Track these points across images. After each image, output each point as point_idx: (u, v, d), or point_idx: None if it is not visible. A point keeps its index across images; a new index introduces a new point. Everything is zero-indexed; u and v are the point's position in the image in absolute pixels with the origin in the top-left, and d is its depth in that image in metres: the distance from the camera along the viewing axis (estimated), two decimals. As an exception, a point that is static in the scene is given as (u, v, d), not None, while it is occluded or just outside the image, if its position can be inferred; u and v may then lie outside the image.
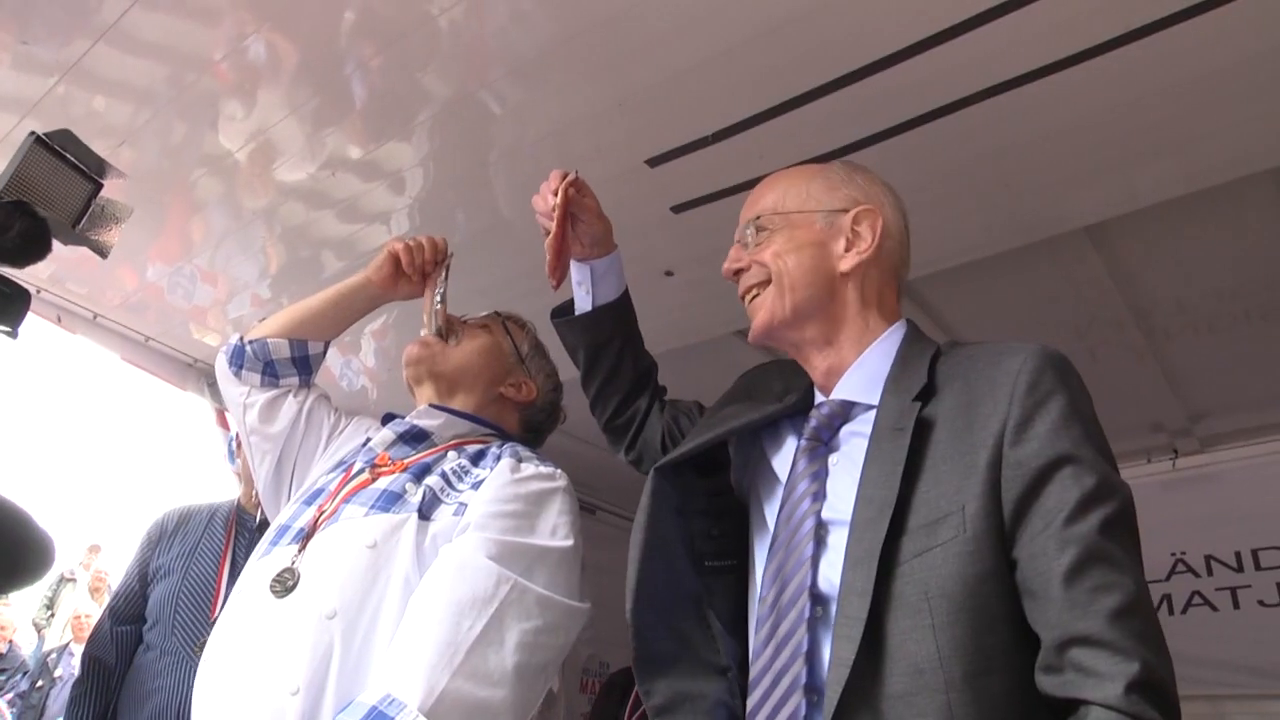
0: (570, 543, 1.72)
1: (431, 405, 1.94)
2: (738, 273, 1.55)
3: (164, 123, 2.56)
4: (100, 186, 2.19)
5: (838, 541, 1.28)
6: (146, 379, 3.82)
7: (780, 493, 1.42)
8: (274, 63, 2.34)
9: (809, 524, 1.32)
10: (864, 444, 1.32)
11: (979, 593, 1.16)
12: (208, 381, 3.92)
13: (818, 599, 1.27)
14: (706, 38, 2.19)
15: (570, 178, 1.73)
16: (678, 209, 2.74)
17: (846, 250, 1.47)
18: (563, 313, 1.87)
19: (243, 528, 2.91)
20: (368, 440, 1.93)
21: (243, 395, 2.01)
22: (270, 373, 2.00)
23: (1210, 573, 4.24)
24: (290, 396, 2.03)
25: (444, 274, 2.04)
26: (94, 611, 7.64)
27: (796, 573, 1.30)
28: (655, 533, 1.43)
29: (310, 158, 2.67)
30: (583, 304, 1.82)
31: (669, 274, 3.04)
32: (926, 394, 1.32)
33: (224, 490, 3.52)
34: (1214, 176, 2.48)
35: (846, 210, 1.48)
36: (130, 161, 2.65)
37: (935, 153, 2.42)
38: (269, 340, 1.99)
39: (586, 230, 1.77)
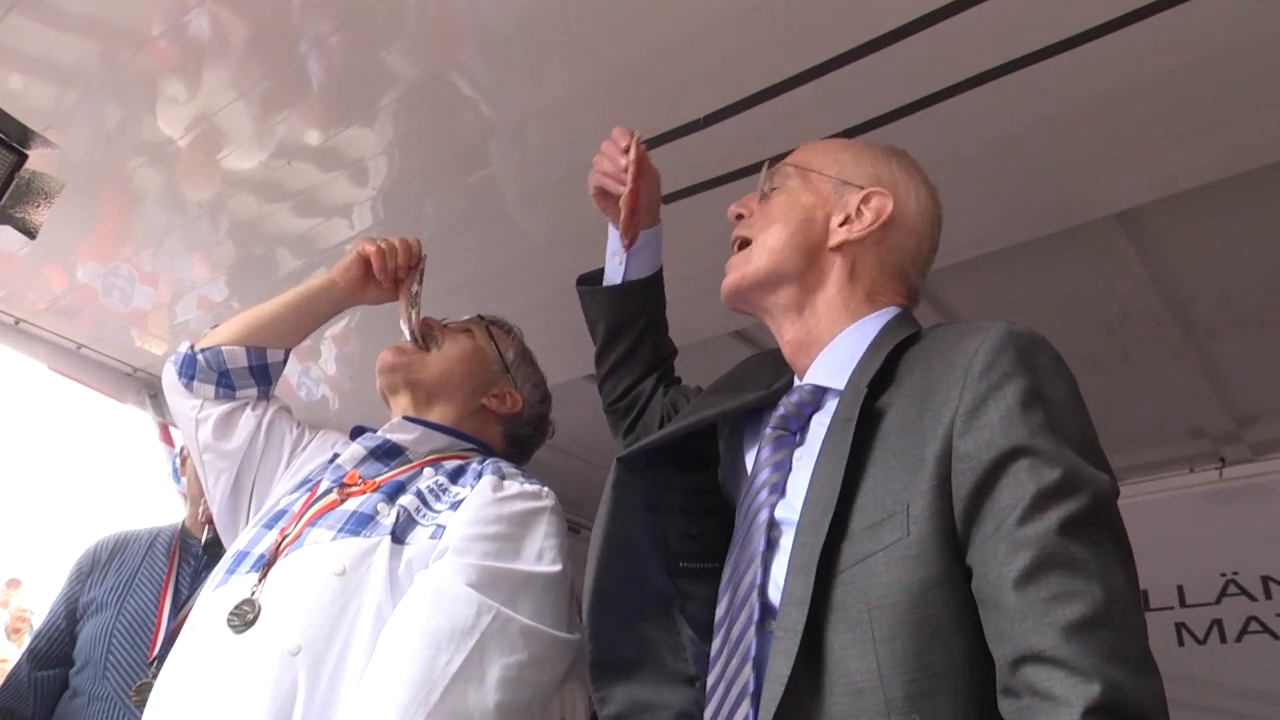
0: (558, 568, 1.74)
1: (406, 418, 1.96)
2: (739, 217, 1.62)
3: (95, 106, 2.57)
4: (24, 157, 2.17)
5: (787, 544, 1.30)
6: (78, 390, 3.83)
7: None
8: (220, 39, 2.36)
9: (763, 518, 1.34)
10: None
11: (924, 602, 1.14)
12: (149, 393, 3.93)
13: (766, 604, 1.29)
14: (698, 11, 2.22)
15: (638, 137, 1.78)
16: (668, 199, 2.74)
17: (842, 224, 1.51)
18: (590, 281, 1.92)
19: (187, 553, 2.90)
20: (335, 456, 1.95)
21: (194, 409, 2.03)
22: (225, 384, 2.02)
23: (1269, 595, 4.20)
24: (248, 410, 2.05)
25: (418, 279, 2.08)
26: (13, 656, 7.55)
27: (747, 573, 1.32)
28: (617, 529, 1.45)
29: (262, 145, 2.69)
30: (613, 275, 1.87)
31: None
32: (881, 381, 1.33)
33: (167, 513, 3.53)
34: (1259, 156, 2.50)
35: (862, 187, 1.52)
36: (57, 149, 2.66)
37: (948, 134, 2.44)
38: (223, 348, 2.02)
39: (636, 199, 1.79)
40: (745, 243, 1.58)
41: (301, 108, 2.56)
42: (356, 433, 2.00)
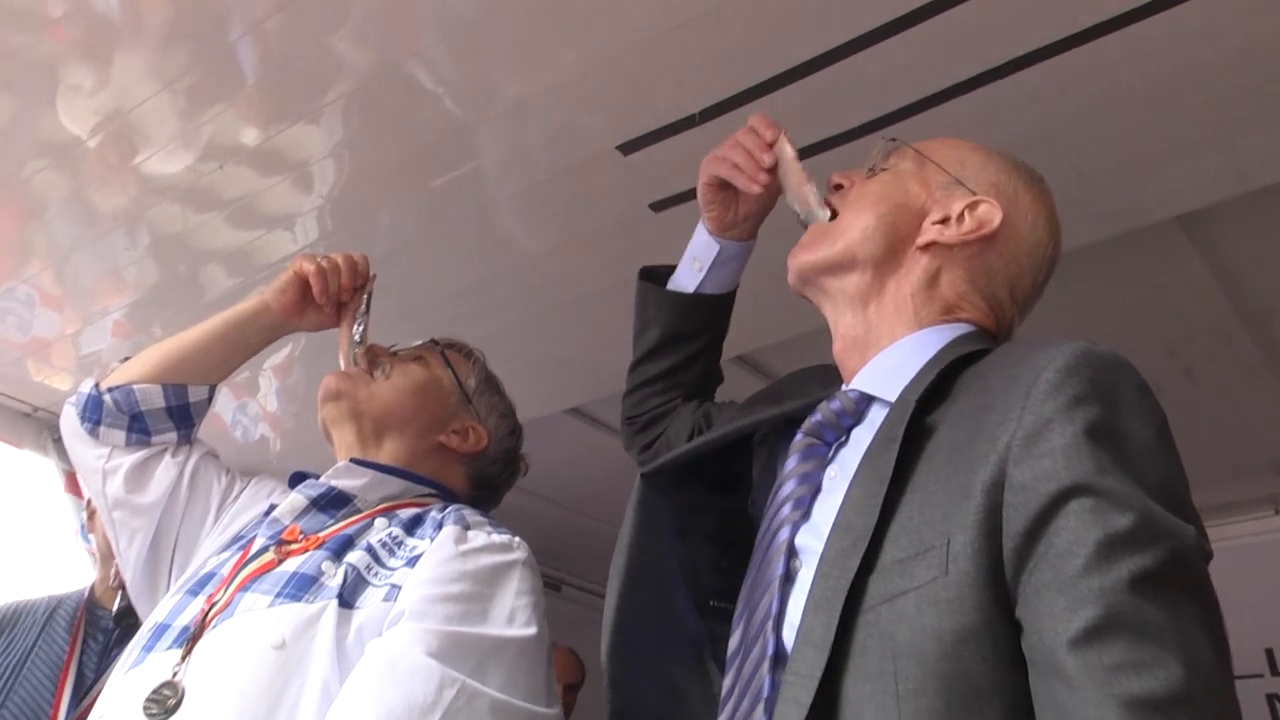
0: (533, 631, 1.70)
1: (353, 460, 1.94)
2: (838, 187, 1.61)
3: (-16, 99, 2.55)
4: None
5: (806, 577, 1.27)
6: (-35, 433, 3.79)
7: None
8: (134, 22, 2.33)
9: (782, 538, 1.33)
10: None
11: (957, 655, 1.09)
12: (52, 436, 3.88)
13: (780, 641, 1.26)
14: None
15: (786, 132, 1.74)
16: (658, 206, 2.76)
17: (937, 223, 1.51)
18: (656, 276, 1.91)
19: (94, 627, 2.83)
20: (271, 508, 1.91)
21: (101, 459, 1.98)
22: (139, 429, 1.98)
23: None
24: (166, 457, 2.01)
25: (365, 302, 2.05)
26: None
27: (761, 601, 1.30)
28: (642, 555, 1.44)
29: (188, 146, 2.66)
30: (685, 281, 1.86)
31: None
32: (933, 398, 1.31)
33: (73, 577, 3.48)
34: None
35: (975, 193, 1.52)
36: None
37: (980, 126, 2.41)
38: (135, 387, 1.97)
39: (755, 203, 1.79)
40: (833, 215, 1.58)
41: (235, 103, 2.53)
42: (296, 480, 1.96)
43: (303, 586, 1.70)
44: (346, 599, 1.68)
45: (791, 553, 1.31)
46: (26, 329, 3.39)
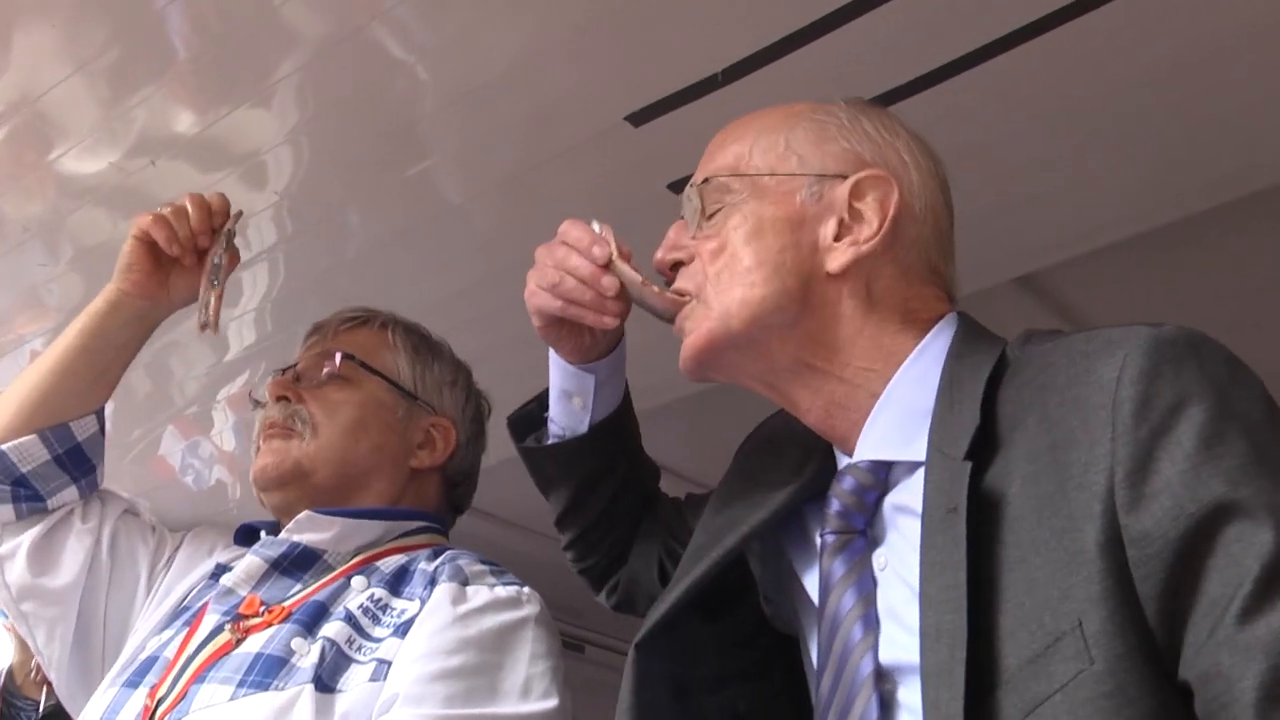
0: (553, 704, 1.70)
1: (315, 512, 1.91)
2: (675, 266, 1.55)
3: None
4: None
5: (913, 699, 1.23)
6: None
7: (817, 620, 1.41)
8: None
9: (865, 670, 1.30)
10: (918, 528, 1.29)
11: None
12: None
13: None
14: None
15: (607, 229, 1.69)
16: (678, 186, 2.73)
17: (838, 238, 1.46)
18: (528, 427, 1.85)
19: (14, 719, 2.85)
20: (219, 570, 1.89)
21: None
22: (28, 495, 1.95)
23: None
24: (75, 522, 1.98)
25: (224, 243, 1.99)
26: None
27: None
28: None
29: (113, 138, 2.65)
30: (574, 424, 1.80)
31: (670, 281, 3.03)
32: (983, 445, 1.28)
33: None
34: None
35: (844, 176, 1.48)
36: None
37: (1056, 79, 2.40)
38: (4, 448, 1.93)
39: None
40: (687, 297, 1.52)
41: (165, 84, 2.52)
42: (245, 536, 1.94)
43: (270, 671, 1.68)
44: (325, 681, 1.67)
45: (881, 675, 1.29)
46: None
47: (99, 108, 2.58)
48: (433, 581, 1.80)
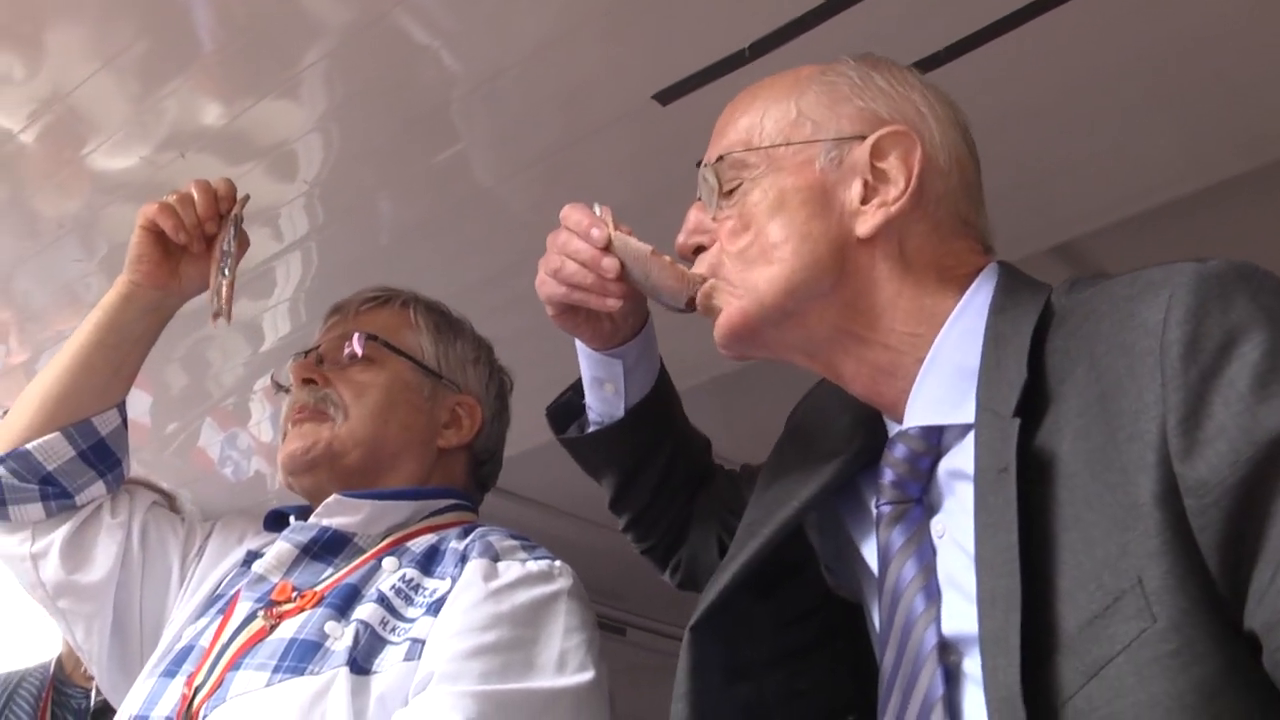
0: (589, 676, 1.70)
1: (343, 495, 1.91)
2: (697, 250, 1.52)
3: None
4: None
5: (978, 670, 1.19)
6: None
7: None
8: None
9: (928, 643, 1.27)
10: (972, 492, 1.26)
11: (1212, 714, 1.05)
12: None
13: None
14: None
15: (608, 213, 1.67)
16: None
17: (864, 201, 1.42)
18: (568, 417, 1.84)
19: (64, 707, 2.85)
20: (250, 557, 1.90)
21: (24, 543, 1.96)
22: (57, 493, 1.95)
23: None
24: (105, 517, 1.99)
25: (233, 229, 1.99)
26: None
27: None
28: (701, 715, 1.41)
29: (143, 133, 2.66)
30: (610, 410, 1.78)
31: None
32: (1033, 400, 1.25)
33: (35, 645, 3.46)
34: None
35: (862, 137, 1.44)
36: None
37: (1088, 45, 2.39)
38: (30, 447, 1.93)
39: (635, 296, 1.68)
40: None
41: (192, 76, 2.52)
42: (274, 522, 1.94)
43: (305, 655, 1.68)
44: (360, 664, 1.67)
45: (946, 647, 1.27)
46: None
47: (128, 102, 2.58)
48: (464, 559, 1.80)
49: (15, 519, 1.95)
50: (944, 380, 1.37)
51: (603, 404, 1.77)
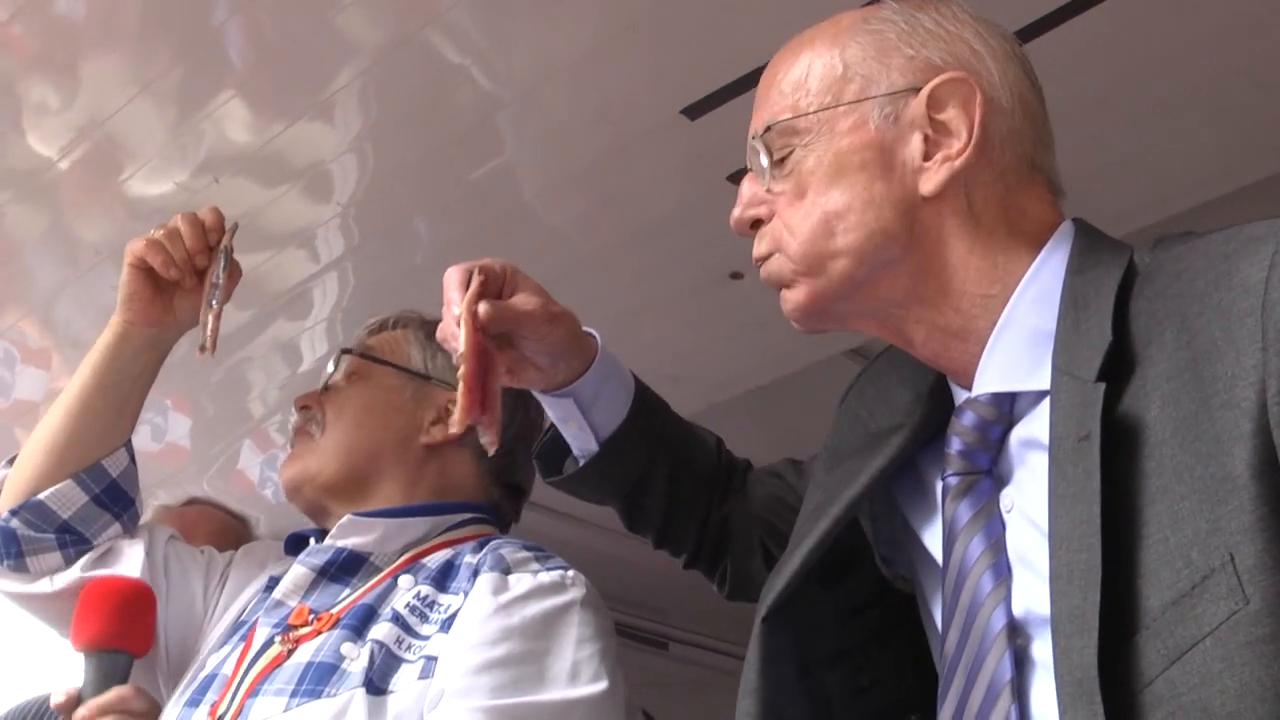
0: (603, 686, 1.68)
1: (356, 515, 1.91)
2: (754, 224, 1.44)
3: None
4: None
5: (1048, 655, 1.12)
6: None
7: (938, 577, 1.33)
8: (102, 18, 2.35)
9: (996, 624, 1.21)
10: (1046, 464, 1.19)
11: None
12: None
13: None
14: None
15: (475, 283, 1.57)
16: (735, 176, 2.71)
17: (926, 157, 1.34)
18: (554, 461, 1.79)
19: None
20: (272, 583, 1.91)
21: (44, 587, 1.95)
22: (74, 540, 1.94)
23: None
24: (123, 546, 1.98)
25: (221, 261, 1.95)
26: None
27: (993, 711, 1.19)
28: (770, 710, 1.36)
29: (183, 156, 2.68)
30: (584, 445, 1.73)
31: (736, 276, 3.01)
32: (1117, 364, 1.17)
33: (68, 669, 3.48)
34: None
35: (916, 89, 1.35)
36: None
37: (1132, 41, 2.39)
38: (43, 497, 1.92)
39: (537, 347, 1.62)
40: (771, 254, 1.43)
41: (227, 100, 2.55)
42: (294, 545, 1.94)
43: (321, 679, 1.69)
44: (376, 684, 1.67)
45: (1015, 630, 1.20)
46: (8, 392, 3.44)
47: (163, 129, 2.61)
48: (476, 573, 1.79)
49: (34, 570, 1.95)
50: (1018, 344, 1.30)
51: (576, 440, 1.73)
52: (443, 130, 2.65)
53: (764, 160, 1.40)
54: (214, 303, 1.89)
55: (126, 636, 1.79)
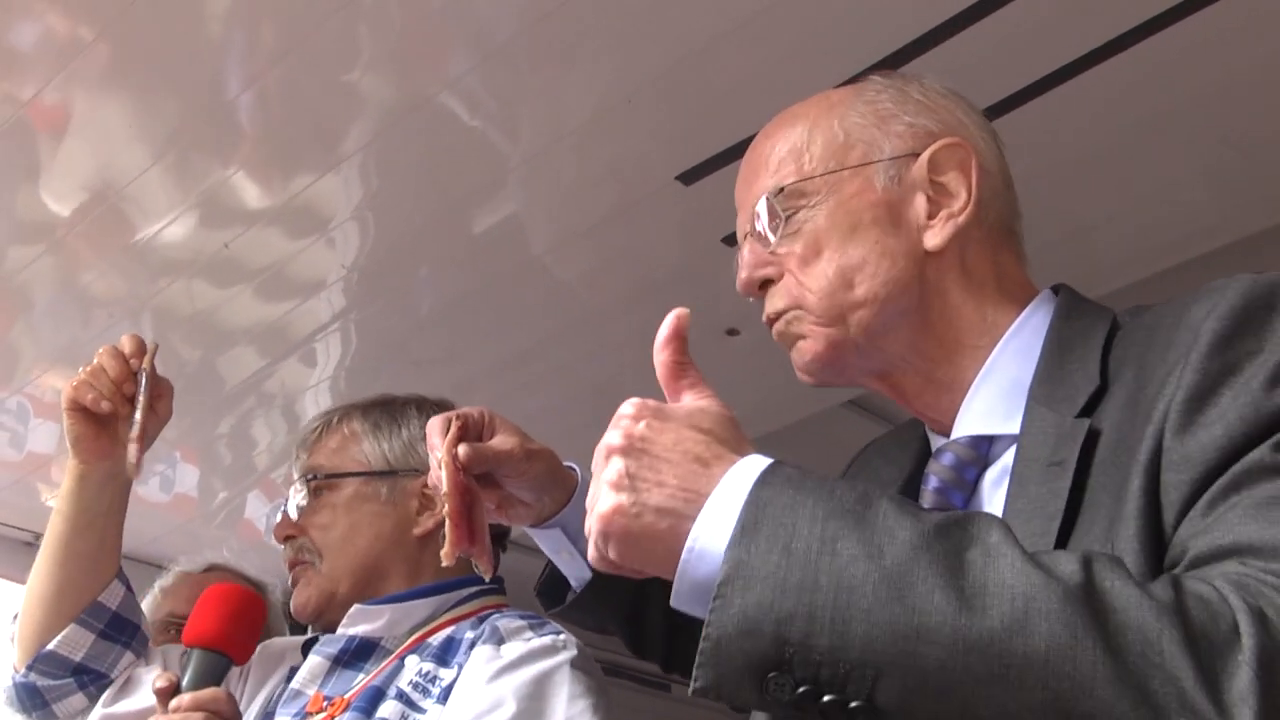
0: None
1: (364, 604, 1.94)
2: (764, 285, 1.46)
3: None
4: None
5: None
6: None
7: None
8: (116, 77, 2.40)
9: None
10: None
11: None
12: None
13: None
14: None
15: (454, 428, 1.61)
16: (730, 239, 2.76)
17: (930, 217, 1.39)
18: (556, 593, 1.80)
19: None
20: (291, 674, 1.94)
21: None
22: (92, 679, 2.00)
23: None
24: (140, 673, 2.04)
25: (142, 383, 1.98)
26: None
27: None
28: None
29: (207, 222, 2.72)
30: (578, 572, 1.74)
31: (732, 333, 3.06)
32: (1097, 401, 1.24)
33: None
34: None
35: (915, 153, 1.41)
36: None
37: (1130, 98, 2.40)
38: (52, 647, 1.98)
39: (519, 483, 1.66)
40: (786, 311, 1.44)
41: (234, 163, 2.59)
42: (309, 646, 1.97)
43: None
44: None
45: None
46: (20, 445, 3.44)
47: (176, 190, 2.65)
48: (473, 646, 1.83)
49: (63, 715, 2.00)
50: (997, 392, 1.35)
51: (570, 568, 1.74)
52: (452, 187, 2.69)
53: (766, 223, 1.44)
54: (135, 425, 1.92)
55: (233, 642, 1.82)
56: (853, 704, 0.93)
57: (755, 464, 1.07)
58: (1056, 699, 0.89)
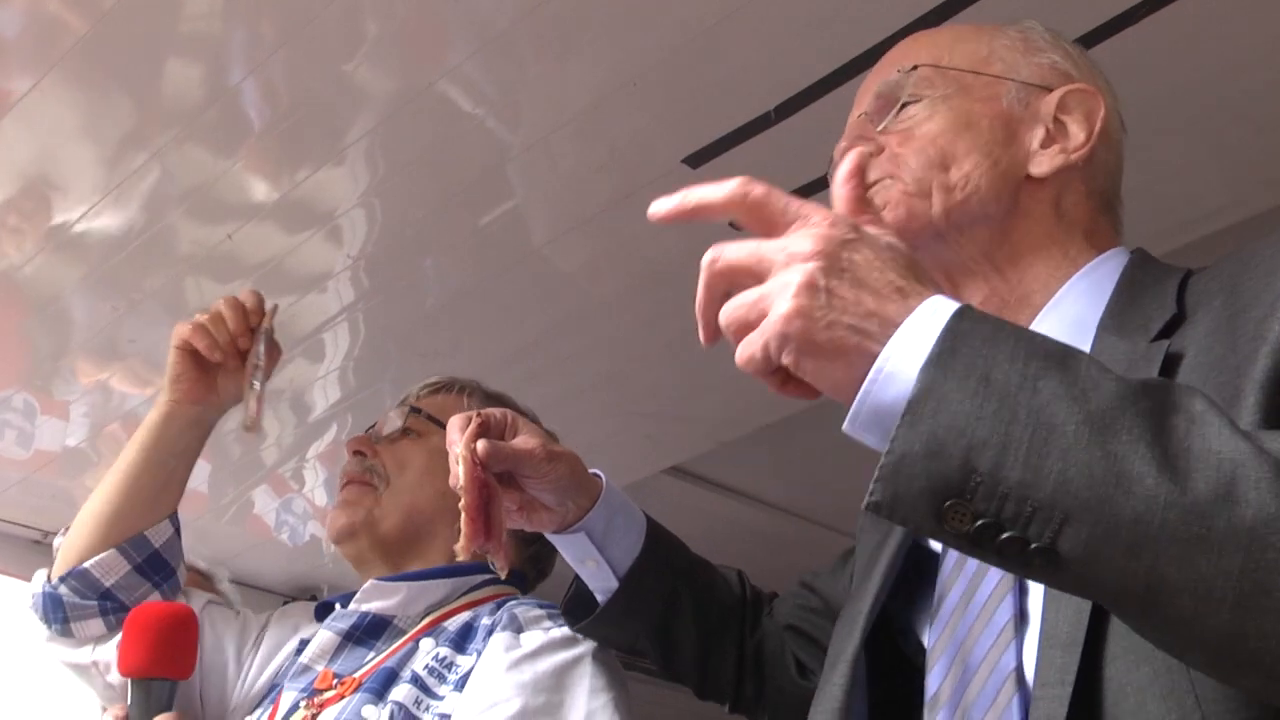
0: None
1: (379, 580, 1.94)
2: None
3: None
4: None
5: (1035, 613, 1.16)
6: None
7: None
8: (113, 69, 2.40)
9: (987, 585, 1.22)
10: None
11: None
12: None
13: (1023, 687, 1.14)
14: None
15: (474, 424, 1.61)
16: (739, 226, 2.71)
17: (1045, 145, 1.42)
18: (582, 607, 1.79)
19: None
20: (302, 647, 1.93)
21: (86, 655, 2.00)
22: (114, 607, 1.99)
23: None
24: None
25: (263, 340, 2.03)
26: None
27: (986, 655, 1.20)
28: None
29: (208, 214, 2.72)
30: (604, 583, 1.75)
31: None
32: (1174, 329, 1.23)
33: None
34: None
35: (1049, 88, 1.45)
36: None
37: (1139, 75, 2.35)
38: (88, 565, 1.97)
39: (541, 485, 1.65)
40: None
41: (240, 157, 2.59)
42: (324, 612, 1.96)
43: None
44: None
45: (1020, 617, 1.19)
46: (27, 443, 3.45)
47: (186, 184, 2.65)
48: (490, 633, 1.82)
49: (79, 635, 2.00)
50: (1062, 325, 1.34)
51: (597, 580, 1.75)
52: (453, 178, 2.68)
53: (892, 100, 1.47)
54: (256, 383, 1.98)
55: (168, 664, 1.84)
56: (1034, 545, 0.90)
57: (950, 302, 1.03)
58: (1257, 569, 0.86)
